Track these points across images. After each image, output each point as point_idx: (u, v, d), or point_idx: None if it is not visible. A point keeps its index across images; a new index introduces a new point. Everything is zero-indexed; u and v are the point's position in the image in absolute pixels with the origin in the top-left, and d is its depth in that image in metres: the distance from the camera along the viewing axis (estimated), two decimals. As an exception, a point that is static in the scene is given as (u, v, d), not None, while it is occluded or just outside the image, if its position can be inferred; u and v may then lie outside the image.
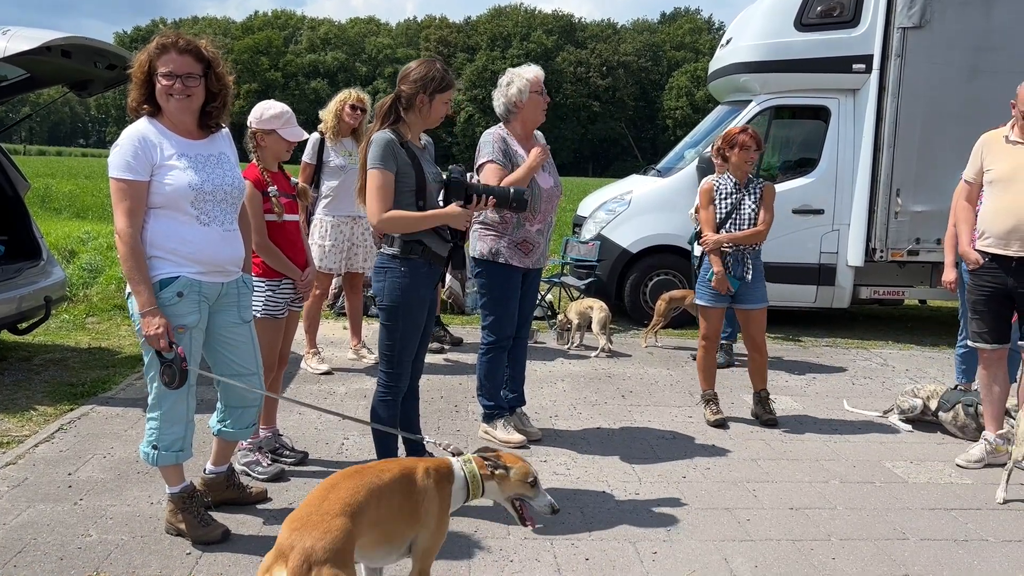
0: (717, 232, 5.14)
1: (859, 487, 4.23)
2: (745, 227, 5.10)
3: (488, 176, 4.32)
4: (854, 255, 7.90)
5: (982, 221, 4.53)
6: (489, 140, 4.47)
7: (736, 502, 4.01)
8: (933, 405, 5.26)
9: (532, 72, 4.52)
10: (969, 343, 4.88)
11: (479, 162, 4.48)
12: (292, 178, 4.29)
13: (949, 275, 5.22)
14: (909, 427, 5.27)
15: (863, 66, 7.77)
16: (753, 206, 5.10)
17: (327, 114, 6.09)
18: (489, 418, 4.74)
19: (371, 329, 7.03)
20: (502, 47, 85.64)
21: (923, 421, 5.31)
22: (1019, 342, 4.58)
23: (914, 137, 7.64)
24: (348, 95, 6.10)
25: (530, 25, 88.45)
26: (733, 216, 5.12)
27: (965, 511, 3.99)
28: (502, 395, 4.78)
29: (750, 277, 5.11)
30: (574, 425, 5.12)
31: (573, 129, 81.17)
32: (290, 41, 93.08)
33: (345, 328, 6.99)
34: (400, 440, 3.83)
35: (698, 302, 5.29)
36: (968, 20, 7.50)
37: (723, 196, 5.15)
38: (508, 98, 4.48)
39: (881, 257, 7.86)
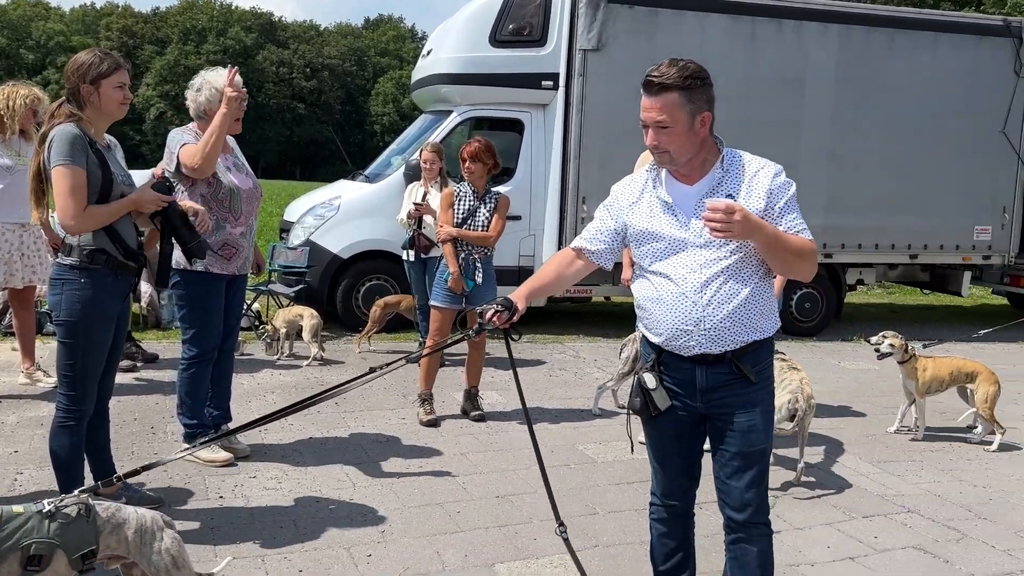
0: None
1: (557, 470, 4.59)
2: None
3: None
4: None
5: None
6: (177, 139, 4.26)
7: (447, 496, 4.18)
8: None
9: (222, 79, 4.40)
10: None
11: (170, 164, 4.24)
12: None
13: (627, 273, 5.88)
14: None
15: (551, 83, 8.43)
16: (488, 214, 5.53)
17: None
18: (191, 438, 4.46)
19: (47, 349, 6.29)
20: (196, 42, 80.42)
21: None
22: None
23: (596, 150, 8.44)
24: (31, 94, 5.37)
25: (227, 21, 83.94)
26: (469, 221, 5.51)
27: (644, 483, 4.49)
28: (205, 412, 4.53)
29: (480, 280, 5.47)
30: (285, 438, 4.99)
31: (278, 131, 78.41)
32: (-67, 19, 79.73)
33: (14, 349, 6.16)
34: (88, 467, 3.49)
35: (433, 303, 5.56)
36: (636, 46, 8.43)
37: (461, 202, 5.54)
38: (198, 104, 4.33)
39: (571, 259, 8.58)
